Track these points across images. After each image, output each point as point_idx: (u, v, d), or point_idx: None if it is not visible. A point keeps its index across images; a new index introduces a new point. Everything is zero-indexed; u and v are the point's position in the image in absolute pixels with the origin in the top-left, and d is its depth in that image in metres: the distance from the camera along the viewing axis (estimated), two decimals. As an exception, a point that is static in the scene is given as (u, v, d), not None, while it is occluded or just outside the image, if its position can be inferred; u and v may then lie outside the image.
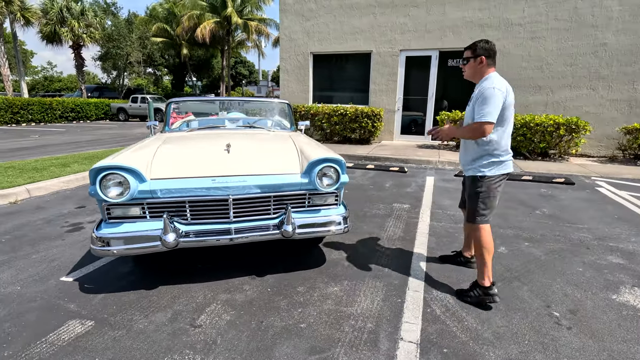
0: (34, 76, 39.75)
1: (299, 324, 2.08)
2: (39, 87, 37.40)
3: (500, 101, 2.13)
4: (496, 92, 2.11)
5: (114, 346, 1.88)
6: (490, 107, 2.11)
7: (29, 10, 19.06)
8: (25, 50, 36.89)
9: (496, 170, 2.26)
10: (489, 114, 2.11)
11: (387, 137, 9.47)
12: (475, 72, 2.31)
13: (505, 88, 2.17)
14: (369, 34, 9.03)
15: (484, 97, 2.14)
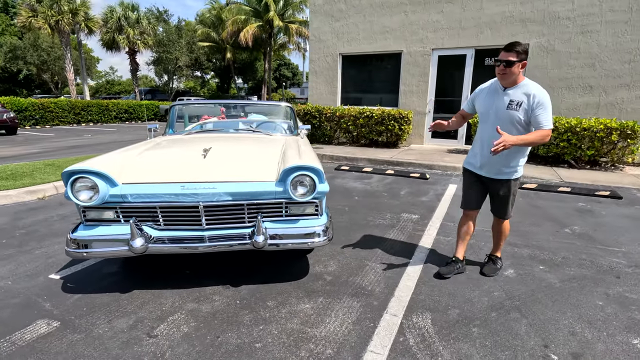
0: (98, 80, 43.62)
1: (254, 343, 1.96)
2: (102, 90, 40.93)
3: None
4: (549, 99, 2.28)
5: (67, 351, 1.89)
6: (550, 114, 2.28)
7: (91, 20, 20.87)
8: (92, 56, 40.58)
9: (521, 173, 2.54)
10: (551, 120, 2.28)
11: (416, 141, 9.03)
12: (511, 76, 2.30)
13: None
14: (400, 33, 8.67)
15: (544, 104, 2.24)
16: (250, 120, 4.22)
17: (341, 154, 7.52)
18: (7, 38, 32.71)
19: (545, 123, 2.24)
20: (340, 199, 4.72)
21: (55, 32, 19.98)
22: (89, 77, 41.24)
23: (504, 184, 2.53)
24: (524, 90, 2.31)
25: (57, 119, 17.06)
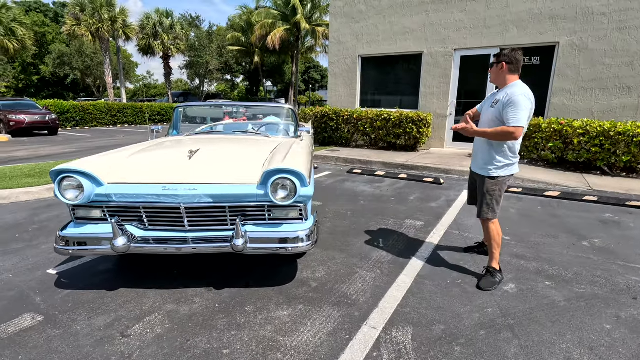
0: (137, 84, 45.94)
1: (222, 349, 1.92)
2: (139, 94, 43.06)
3: (528, 107, 2.33)
4: (526, 101, 2.31)
5: (42, 346, 1.93)
6: (522, 113, 2.30)
7: (129, 27, 22.01)
8: (131, 61, 42.83)
9: (508, 171, 2.51)
10: (522, 119, 2.29)
11: (436, 144, 8.73)
12: (497, 77, 2.51)
13: (532, 98, 2.37)
14: (421, 33, 8.43)
15: (515, 102, 2.30)
16: (261, 123, 4.22)
17: (356, 156, 7.40)
18: (56, 46, 35.24)
19: (510, 121, 2.32)
20: (345, 203, 4.62)
21: (96, 39, 21.25)
22: (128, 81, 43.56)
23: (481, 180, 2.62)
24: (507, 90, 2.43)
25: (95, 121, 18.08)
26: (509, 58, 2.43)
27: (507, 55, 2.44)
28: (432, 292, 2.49)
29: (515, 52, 2.44)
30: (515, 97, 2.32)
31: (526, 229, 3.71)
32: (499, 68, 2.46)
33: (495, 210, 2.57)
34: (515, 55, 2.43)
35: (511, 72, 2.45)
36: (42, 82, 41.16)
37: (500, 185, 2.53)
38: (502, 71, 2.46)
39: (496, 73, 2.50)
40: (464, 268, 2.84)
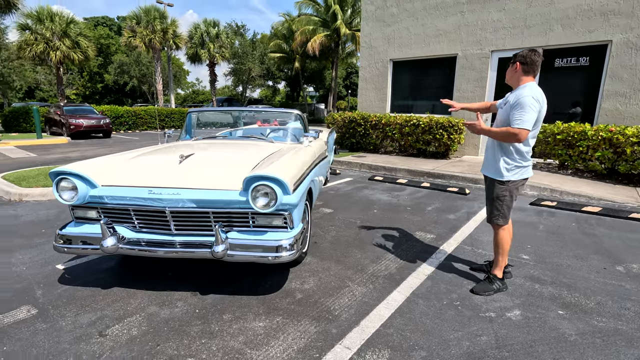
0: (186, 90, 48.75)
1: (187, 357, 1.89)
2: (188, 100, 45.60)
3: (536, 110, 2.23)
4: (534, 102, 2.21)
5: (27, 338, 2.03)
6: (528, 115, 2.20)
7: (178, 37, 23.40)
8: (183, 69, 45.57)
9: (519, 175, 2.40)
10: (527, 121, 2.19)
11: (470, 152, 8.23)
12: (512, 77, 2.43)
13: (542, 99, 2.27)
14: (455, 35, 8.02)
15: (522, 104, 2.21)
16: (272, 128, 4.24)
17: (381, 163, 7.18)
18: (118, 56, 38.48)
19: (515, 122, 2.23)
20: (356, 211, 4.46)
21: (149, 49, 22.85)
22: (179, 87, 46.36)
23: (491, 183, 2.53)
24: (517, 92, 2.35)
25: (146, 125, 19.40)
26: (524, 58, 2.34)
27: (523, 56, 2.35)
28: (423, 313, 2.29)
29: (532, 53, 2.34)
30: (522, 98, 2.23)
31: (551, 248, 3.33)
32: (514, 69, 2.39)
33: (506, 216, 2.49)
34: (531, 56, 2.33)
35: (525, 73, 2.35)
36: (106, 89, 45.13)
37: (511, 190, 2.44)
38: (516, 72, 2.38)
39: (511, 73, 2.44)
40: (467, 288, 2.59)
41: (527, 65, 2.33)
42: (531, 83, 2.33)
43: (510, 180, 2.40)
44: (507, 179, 2.40)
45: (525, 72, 2.34)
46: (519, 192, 2.49)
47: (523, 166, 2.40)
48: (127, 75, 37.03)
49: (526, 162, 2.41)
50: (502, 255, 2.54)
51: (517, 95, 2.28)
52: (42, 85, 32.16)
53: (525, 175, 2.43)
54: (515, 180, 2.41)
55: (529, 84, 2.32)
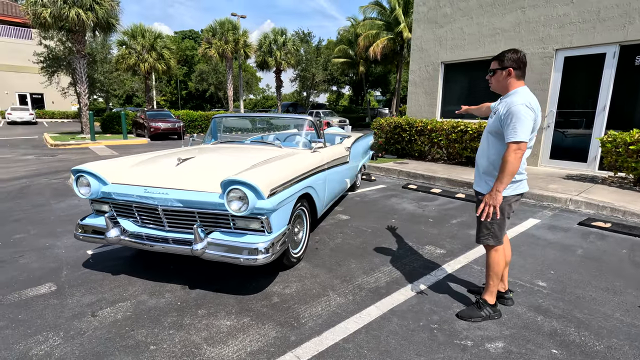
0: (257, 96, 51.78)
1: (150, 345, 2.05)
2: (259, 105, 48.35)
3: (531, 118, 1.99)
4: (528, 110, 1.97)
5: (38, 310, 2.38)
6: (523, 126, 1.95)
7: (248, 46, 25.01)
8: (256, 76, 48.53)
9: (512, 190, 2.16)
10: (523, 132, 1.95)
11: (528, 161, 7.40)
12: (500, 84, 2.18)
13: (536, 107, 2.04)
14: (514, 33, 7.32)
15: (515, 114, 1.97)
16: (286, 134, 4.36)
17: (421, 171, 6.85)
18: (200, 65, 42.47)
19: (509, 136, 1.98)
20: (374, 219, 4.34)
21: (223, 58, 24.83)
22: (250, 93, 49.43)
23: (480, 199, 2.22)
24: (507, 99, 2.12)
25: (215, 128, 21.07)
26: (516, 62, 2.09)
27: (514, 59, 2.09)
28: (393, 332, 2.16)
29: (520, 54, 2.11)
30: (513, 107, 1.98)
31: (580, 277, 2.87)
32: (505, 75, 2.13)
33: (498, 236, 2.22)
34: (521, 58, 2.11)
35: (518, 78, 2.13)
36: (189, 95, 50.14)
37: (503, 207, 2.14)
38: (509, 78, 2.12)
39: (498, 80, 2.17)
40: (454, 312, 2.37)
41: (520, 69, 2.10)
42: (522, 88, 2.10)
43: (503, 197, 2.13)
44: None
45: (518, 77, 2.12)
46: (512, 210, 2.23)
47: (517, 181, 2.16)
48: (205, 83, 40.64)
49: (520, 177, 2.17)
50: (493, 279, 2.27)
51: (508, 104, 2.04)
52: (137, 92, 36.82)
53: (519, 191, 2.19)
54: (508, 196, 2.15)
55: (520, 89, 2.09)
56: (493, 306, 2.30)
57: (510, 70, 2.11)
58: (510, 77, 2.12)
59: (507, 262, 2.43)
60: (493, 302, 2.31)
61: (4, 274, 2.91)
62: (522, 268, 3.03)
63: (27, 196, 5.44)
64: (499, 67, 2.14)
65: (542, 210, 4.77)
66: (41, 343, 2.06)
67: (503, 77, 2.14)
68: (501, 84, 2.16)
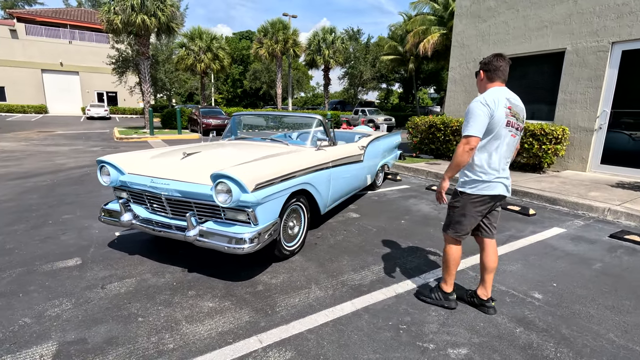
0: (308, 94, 52.64)
1: (139, 317, 2.32)
2: (308, 102, 49.15)
3: (483, 114, 2.04)
4: (480, 106, 2.05)
5: (62, 279, 2.78)
6: (472, 121, 2.05)
7: (298, 45, 25.55)
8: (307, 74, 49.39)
9: (477, 190, 2.18)
10: (472, 127, 2.05)
11: (576, 166, 6.76)
12: (480, 87, 2.31)
13: (493, 102, 2.06)
14: (564, 26, 6.70)
15: (468, 110, 2.11)
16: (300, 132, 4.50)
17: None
18: (254, 65, 44.27)
19: (462, 130, 2.11)
20: (384, 219, 4.32)
21: (273, 57, 25.67)
22: (301, 91, 50.39)
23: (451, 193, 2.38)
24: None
25: (262, 125, 21.93)
26: (487, 66, 2.23)
27: (486, 63, 2.24)
28: (358, 328, 2.21)
29: (496, 59, 2.20)
30: (470, 105, 2.12)
31: (585, 292, 2.65)
32: (479, 78, 2.29)
33: (457, 230, 2.29)
34: (494, 62, 2.20)
35: (490, 80, 2.22)
36: (244, 93, 52.48)
37: (466, 204, 2.21)
38: (482, 81, 2.27)
39: (478, 83, 2.33)
40: (429, 314, 2.34)
41: (490, 72, 2.20)
42: (493, 89, 2.16)
43: (465, 193, 2.22)
44: (461, 190, 2.24)
45: (489, 79, 2.22)
46: (476, 210, 2.22)
47: (483, 180, 2.16)
48: (259, 81, 42.27)
49: (487, 177, 2.16)
50: (445, 271, 2.40)
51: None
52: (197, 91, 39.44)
53: (486, 192, 2.17)
54: (471, 194, 2.19)
55: (491, 89, 2.16)
56: (447, 294, 2.42)
57: (481, 72, 2.25)
58: (482, 80, 2.26)
59: (492, 269, 2.36)
60: (448, 290, 2.42)
61: (47, 247, 3.41)
62: (521, 278, 2.86)
63: (85, 183, 6.21)
64: (476, 71, 2.33)
65: (573, 219, 4.38)
66: (56, 306, 2.42)
67: (479, 80, 2.29)
68: (480, 86, 2.30)
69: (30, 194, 5.33)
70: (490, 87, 2.18)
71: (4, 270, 2.92)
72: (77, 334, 2.13)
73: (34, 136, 14.28)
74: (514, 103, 2.15)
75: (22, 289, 2.63)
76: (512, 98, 2.15)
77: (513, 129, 2.14)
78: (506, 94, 2.14)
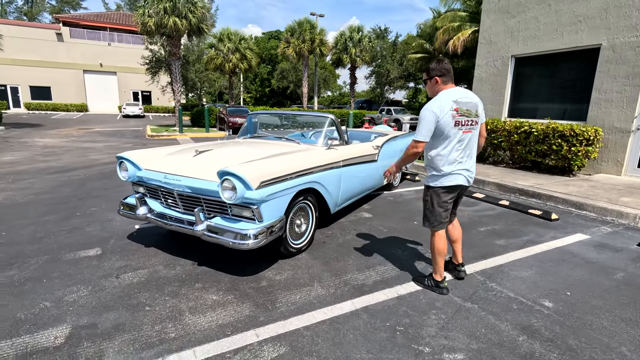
0: (335, 93, 52.58)
1: (146, 306, 2.44)
2: (335, 101, 49.11)
3: (430, 120, 2.32)
4: (428, 113, 2.32)
5: (82, 267, 2.97)
6: (420, 126, 2.35)
7: (324, 45, 25.60)
8: (334, 73, 49.37)
9: (439, 183, 2.48)
10: (419, 132, 2.36)
11: (610, 169, 6.35)
12: (432, 91, 2.51)
13: (439, 108, 2.30)
14: (600, 20, 6.30)
15: (420, 116, 2.37)
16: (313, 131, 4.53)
17: (473, 174, 6.38)
18: (282, 64, 44.82)
19: (414, 134, 2.42)
20: (396, 220, 4.26)
21: (300, 57, 25.86)
22: (328, 90, 50.40)
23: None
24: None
25: (288, 124, 22.20)
26: (439, 71, 2.42)
27: (437, 69, 2.43)
28: (355, 327, 2.21)
29: (442, 63, 2.45)
30: (421, 111, 2.37)
31: (600, 303, 2.50)
32: (433, 83, 2.47)
33: (431, 221, 2.57)
34: (444, 66, 2.43)
35: (445, 83, 2.44)
36: (272, 92, 53.22)
37: (432, 196, 2.53)
38: (436, 85, 2.46)
39: (430, 88, 2.51)
40: (430, 317, 2.30)
41: (444, 76, 2.42)
42: (443, 92, 2.38)
43: (431, 187, 2.53)
44: (427, 184, 2.57)
45: (444, 82, 2.42)
46: (443, 201, 2.51)
47: (443, 174, 2.45)
48: (286, 80, 42.74)
49: (444, 170, 2.44)
50: (433, 261, 2.62)
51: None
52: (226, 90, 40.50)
53: (446, 183, 2.46)
54: (434, 187, 2.50)
55: (441, 93, 2.39)
56: (438, 282, 2.62)
57: (436, 79, 2.43)
58: (438, 84, 2.44)
59: (457, 239, 2.78)
60: (439, 279, 2.61)
61: (72, 237, 3.64)
62: (532, 285, 2.74)
63: (114, 178, 6.54)
64: (427, 77, 2.49)
65: (599, 225, 4.13)
66: (74, 293, 2.59)
67: (433, 85, 2.46)
68: (432, 90, 2.49)
69: (64, 187, 5.69)
70: (442, 90, 2.40)
71: (32, 257, 3.15)
72: (90, 319, 2.27)
73: (74, 133, 15.20)
74: (463, 102, 2.34)
75: (47, 275, 2.83)
76: (461, 97, 2.35)
77: (465, 127, 2.37)
78: (454, 95, 2.34)
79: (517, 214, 4.52)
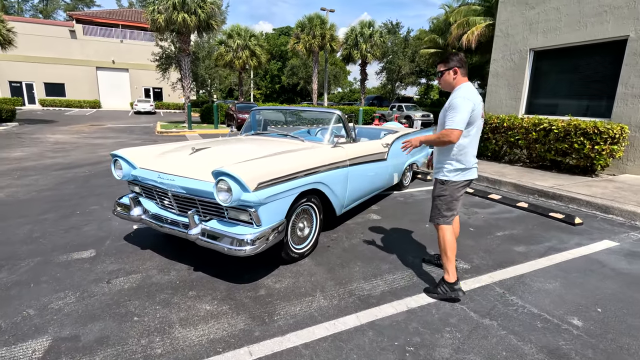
0: (346, 89, 52.12)
1: (134, 316, 2.27)
2: (345, 98, 48.67)
3: (467, 109, 2.26)
4: (465, 102, 2.26)
5: (74, 271, 2.82)
6: (459, 115, 2.25)
7: (334, 40, 25.24)
8: (345, 69, 48.90)
9: (461, 177, 2.43)
10: (457, 121, 2.26)
11: (637, 169, 5.95)
12: (447, 83, 2.47)
13: (475, 98, 2.31)
14: (626, 10, 5.89)
15: (453, 105, 2.29)
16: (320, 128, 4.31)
17: (487, 174, 6.09)
18: (292, 60, 44.56)
19: (447, 123, 2.30)
20: (406, 222, 4.02)
21: (310, 53, 25.56)
22: (339, 86, 49.98)
23: (434, 183, 2.58)
24: (452, 94, 2.39)
25: (297, 120, 21.97)
26: (459, 62, 2.40)
27: (457, 60, 2.40)
28: (359, 346, 1.99)
29: (460, 56, 2.41)
30: (454, 100, 2.30)
31: (638, 322, 2.22)
32: (452, 74, 2.42)
33: (445, 215, 2.48)
34: (463, 58, 2.42)
35: (463, 75, 2.42)
36: (282, 89, 53.05)
37: (451, 191, 2.46)
38: (455, 77, 2.41)
39: (447, 80, 2.46)
40: (442, 336, 2.07)
41: (463, 67, 2.40)
42: (465, 84, 2.37)
43: (450, 181, 2.44)
44: (447, 179, 2.45)
45: (462, 74, 2.40)
46: (460, 194, 2.47)
47: (465, 168, 2.41)
48: (296, 77, 42.49)
49: (467, 164, 2.41)
50: (445, 260, 2.46)
51: (451, 98, 2.34)
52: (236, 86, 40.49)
53: (468, 177, 2.45)
54: (456, 181, 2.43)
55: (464, 85, 2.37)
56: (452, 284, 2.41)
57: (456, 69, 2.38)
58: (456, 76, 2.40)
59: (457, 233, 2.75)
60: (452, 280, 2.42)
61: (68, 237, 3.51)
62: (558, 299, 2.48)
63: (117, 175, 6.44)
64: (446, 68, 2.42)
65: (629, 231, 3.81)
66: (60, 299, 2.43)
67: (451, 76, 2.41)
68: (448, 82, 2.44)
69: (67, 184, 5.60)
70: (462, 82, 2.38)
71: (23, 259, 3.02)
72: (72, 330, 2.10)
73: (85, 129, 15.28)
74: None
75: (35, 279, 2.68)
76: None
77: (482, 120, 2.42)
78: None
79: (537, 217, 4.22)
